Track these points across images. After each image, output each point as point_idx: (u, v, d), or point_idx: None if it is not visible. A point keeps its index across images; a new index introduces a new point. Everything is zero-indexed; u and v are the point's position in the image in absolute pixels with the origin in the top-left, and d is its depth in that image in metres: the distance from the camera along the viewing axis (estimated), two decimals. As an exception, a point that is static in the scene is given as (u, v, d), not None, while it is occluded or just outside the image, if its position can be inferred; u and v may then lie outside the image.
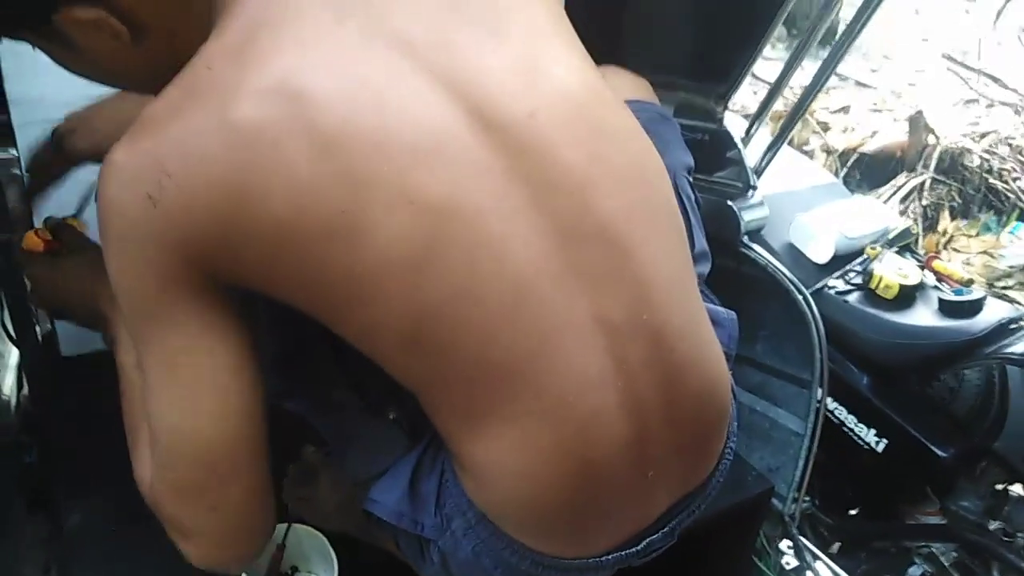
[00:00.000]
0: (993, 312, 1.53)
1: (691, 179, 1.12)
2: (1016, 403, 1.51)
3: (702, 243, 1.05)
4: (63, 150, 1.01)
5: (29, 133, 1.09)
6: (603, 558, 0.80)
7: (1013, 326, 1.49)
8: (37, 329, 1.27)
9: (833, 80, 4.57)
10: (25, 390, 1.31)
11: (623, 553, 0.81)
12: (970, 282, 1.62)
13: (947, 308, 1.56)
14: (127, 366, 0.80)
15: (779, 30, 4.43)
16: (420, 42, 0.68)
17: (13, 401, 1.30)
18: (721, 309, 0.97)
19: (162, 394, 0.70)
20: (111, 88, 0.87)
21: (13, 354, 1.34)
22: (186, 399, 0.69)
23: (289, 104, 0.61)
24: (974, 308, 1.54)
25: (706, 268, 1.05)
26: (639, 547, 0.81)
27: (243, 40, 0.64)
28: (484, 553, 0.80)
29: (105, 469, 0.85)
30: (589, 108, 0.73)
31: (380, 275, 0.64)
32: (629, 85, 1.20)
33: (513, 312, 0.67)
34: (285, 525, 1.02)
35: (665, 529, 0.83)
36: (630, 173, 0.74)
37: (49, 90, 1.04)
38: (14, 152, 1.14)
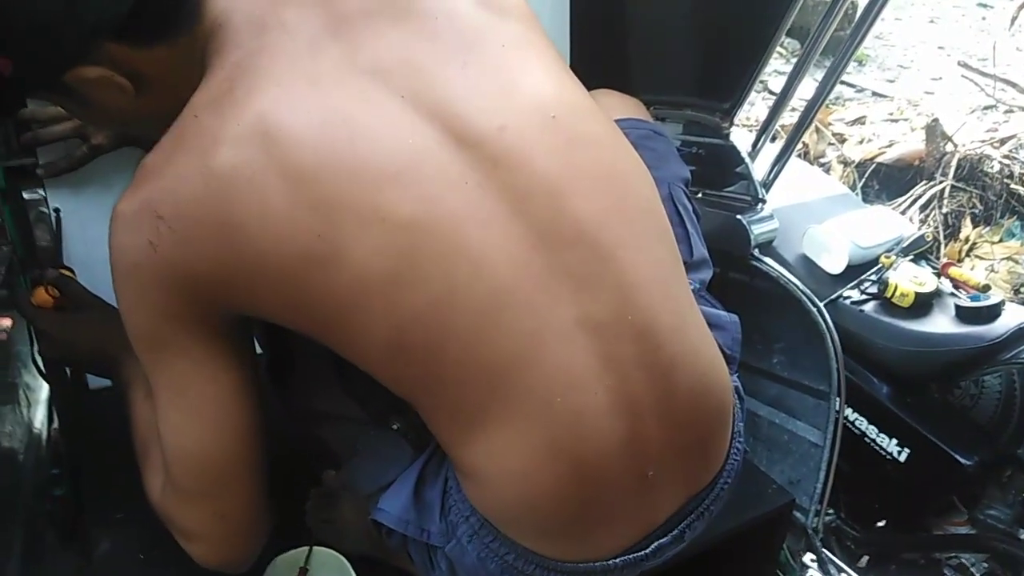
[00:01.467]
0: (1012, 317, 1.52)
1: (687, 190, 1.13)
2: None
3: (701, 251, 1.07)
4: (88, 142, 1.13)
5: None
6: (610, 561, 0.81)
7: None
8: (66, 364, 1.31)
9: (849, 91, 4.58)
10: (55, 424, 1.35)
11: (631, 556, 0.82)
12: (987, 287, 1.61)
13: (964, 314, 1.55)
14: (137, 400, 0.89)
15: (792, 44, 4.42)
16: (393, 70, 0.72)
17: (44, 435, 1.33)
18: (723, 312, 0.99)
19: (171, 416, 0.77)
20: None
21: (43, 389, 1.38)
22: (192, 420, 0.76)
23: (262, 144, 0.67)
24: (992, 313, 1.53)
25: (707, 275, 1.07)
26: (648, 550, 0.82)
27: (225, 88, 0.70)
28: (489, 558, 0.81)
29: (132, 498, 0.89)
30: (562, 118, 0.76)
31: (360, 290, 0.69)
32: (620, 105, 1.23)
33: (493, 316, 0.70)
34: (307, 548, 1.04)
35: (674, 532, 0.83)
36: (606, 178, 0.77)
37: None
38: (42, 193, 1.19)
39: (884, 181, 3.43)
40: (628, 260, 0.75)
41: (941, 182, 3.24)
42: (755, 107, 3.78)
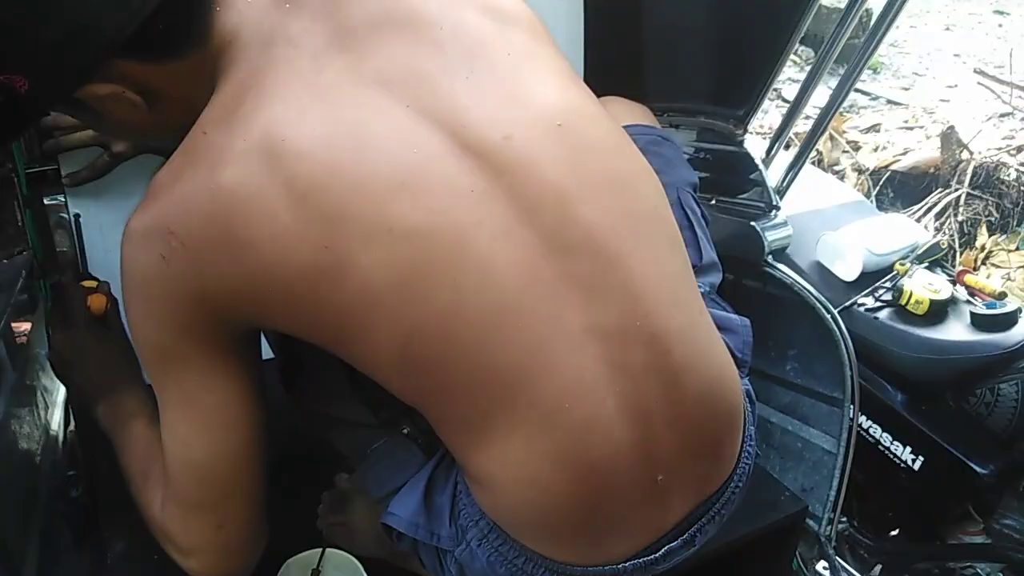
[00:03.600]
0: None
1: (696, 195, 1.14)
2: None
3: (710, 255, 1.07)
4: (109, 150, 1.14)
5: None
6: (620, 565, 0.81)
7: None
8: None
9: (863, 99, 4.57)
10: (71, 426, 1.36)
11: (641, 560, 0.81)
12: (1003, 295, 1.60)
13: (980, 322, 1.54)
14: (139, 427, 0.91)
15: (806, 52, 4.42)
16: (398, 80, 0.73)
17: (60, 436, 1.35)
18: (734, 316, 0.98)
19: (179, 428, 0.78)
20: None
21: (60, 391, 1.40)
22: (200, 431, 0.77)
23: (267, 159, 0.67)
24: (1008, 321, 1.52)
25: (717, 278, 1.07)
26: (658, 554, 0.82)
27: (231, 105, 0.71)
28: (499, 563, 0.82)
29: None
30: (568, 125, 0.76)
31: (367, 301, 0.69)
32: (628, 111, 1.24)
33: (501, 326, 0.70)
34: (320, 550, 1.04)
35: (685, 536, 0.83)
36: (613, 184, 0.77)
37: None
38: (61, 199, 1.21)
39: (899, 189, 3.42)
40: (636, 267, 0.75)
41: (957, 190, 3.23)
42: (768, 115, 3.78)
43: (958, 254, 3.07)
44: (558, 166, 0.74)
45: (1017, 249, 3.06)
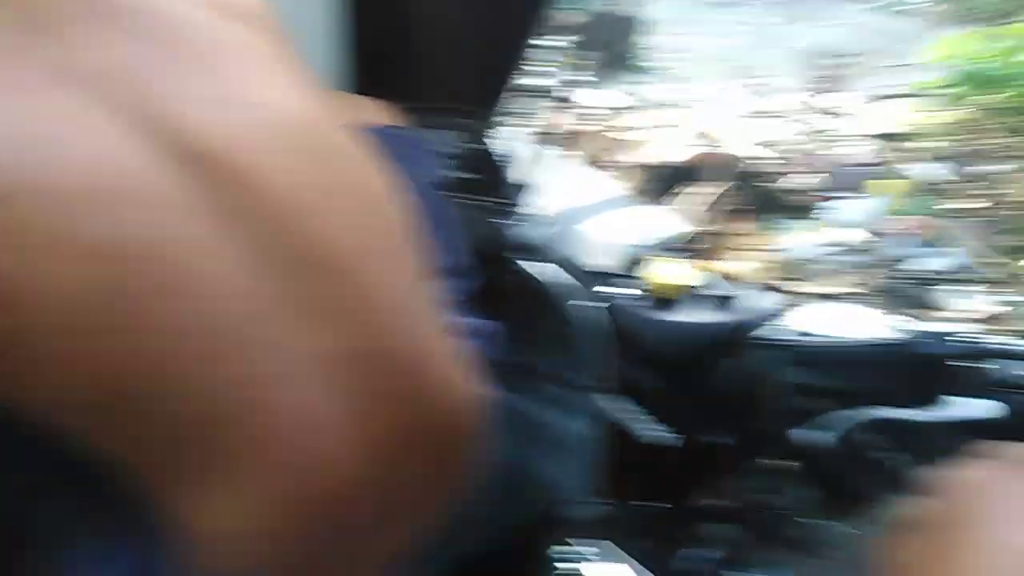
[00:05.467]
0: (757, 302, 1.67)
1: (442, 194, 1.13)
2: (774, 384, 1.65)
3: (459, 258, 1.05)
4: None
5: None
6: None
7: (772, 313, 1.63)
8: None
9: (629, 100, 4.85)
10: None
11: None
12: (739, 278, 1.75)
13: (719, 303, 1.67)
14: None
15: (583, 54, 4.60)
16: (107, 79, 0.64)
17: None
18: (483, 320, 0.97)
19: None
20: None
21: None
22: None
23: None
24: (743, 300, 1.67)
25: (467, 282, 1.05)
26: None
27: None
28: None
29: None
30: (303, 135, 0.71)
31: (47, 332, 0.60)
32: (369, 112, 1.21)
33: (213, 360, 0.63)
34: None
35: (434, 554, 0.82)
36: (349, 197, 0.73)
37: None
38: None
39: (658, 183, 3.66)
40: (370, 283, 0.71)
41: (713, 183, 3.51)
42: (533, 114, 3.91)
43: (708, 241, 3.35)
44: (289, 178, 0.68)
45: (760, 235, 3.38)
